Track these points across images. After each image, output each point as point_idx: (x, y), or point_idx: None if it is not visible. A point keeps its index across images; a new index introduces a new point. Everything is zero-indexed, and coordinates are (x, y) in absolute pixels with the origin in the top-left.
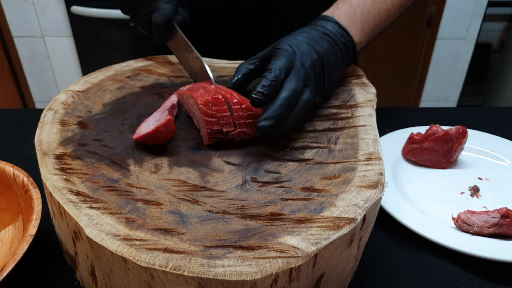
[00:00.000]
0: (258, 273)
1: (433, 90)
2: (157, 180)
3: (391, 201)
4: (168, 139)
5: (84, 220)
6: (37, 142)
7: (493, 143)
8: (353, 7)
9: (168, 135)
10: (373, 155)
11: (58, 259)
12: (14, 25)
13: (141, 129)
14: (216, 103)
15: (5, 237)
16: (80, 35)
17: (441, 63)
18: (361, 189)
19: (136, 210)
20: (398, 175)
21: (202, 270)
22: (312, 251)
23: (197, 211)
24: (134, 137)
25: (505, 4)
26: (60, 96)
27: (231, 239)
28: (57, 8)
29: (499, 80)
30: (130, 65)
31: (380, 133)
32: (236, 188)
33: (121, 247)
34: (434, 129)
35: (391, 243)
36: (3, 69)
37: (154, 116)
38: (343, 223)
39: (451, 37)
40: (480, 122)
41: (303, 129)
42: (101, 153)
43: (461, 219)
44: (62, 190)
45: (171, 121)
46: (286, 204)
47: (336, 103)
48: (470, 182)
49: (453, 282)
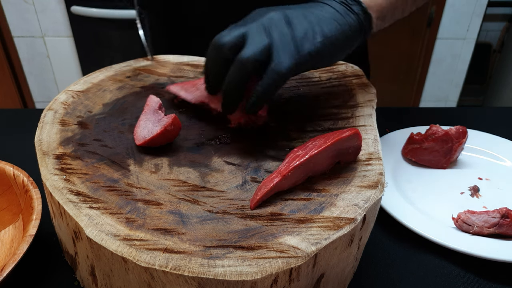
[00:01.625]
0: (258, 273)
1: (433, 90)
2: (157, 180)
3: (391, 201)
4: (175, 137)
5: (84, 220)
6: (37, 142)
7: (493, 143)
8: None
9: (176, 132)
10: (373, 155)
11: (58, 259)
12: (14, 25)
13: (142, 133)
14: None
15: (5, 237)
16: (80, 35)
17: (441, 63)
18: (361, 189)
19: (136, 210)
20: (398, 175)
21: (202, 270)
22: (312, 251)
23: (197, 211)
24: (138, 143)
25: (505, 4)
26: (60, 96)
27: (231, 239)
28: (57, 8)
29: (499, 80)
30: (130, 65)
31: (380, 133)
32: (236, 188)
33: (121, 247)
34: (434, 129)
35: (391, 243)
36: (3, 69)
37: (147, 118)
38: (343, 223)
39: (451, 37)
40: (480, 122)
41: (303, 129)
42: (101, 153)
43: (461, 219)
44: (62, 190)
45: (177, 118)
46: (286, 204)
47: (336, 103)
48: (470, 182)
49: (453, 282)
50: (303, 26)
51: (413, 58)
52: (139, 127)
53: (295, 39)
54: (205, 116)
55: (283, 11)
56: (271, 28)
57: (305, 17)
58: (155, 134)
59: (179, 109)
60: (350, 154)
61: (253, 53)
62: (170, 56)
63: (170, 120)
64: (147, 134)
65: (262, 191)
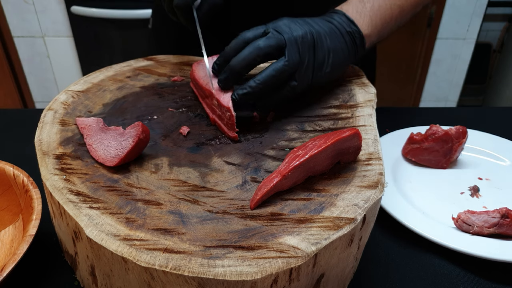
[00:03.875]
0: (258, 273)
1: (433, 90)
2: (157, 180)
3: (391, 201)
4: (146, 146)
5: (84, 220)
6: (37, 142)
7: (493, 143)
8: (363, 2)
9: (148, 139)
10: (373, 155)
11: (58, 259)
12: (14, 25)
13: (108, 154)
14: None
15: (5, 237)
16: (80, 35)
17: (441, 63)
18: (361, 189)
19: (136, 210)
20: (398, 175)
21: (202, 270)
22: (312, 251)
23: (197, 211)
24: (113, 164)
25: (505, 4)
26: (60, 96)
27: (231, 239)
28: (57, 8)
29: (499, 80)
30: (130, 65)
31: (380, 133)
32: (236, 188)
33: (121, 247)
34: (434, 129)
35: (391, 243)
36: (3, 69)
37: (100, 139)
38: (343, 223)
39: (451, 37)
40: (480, 122)
41: (303, 129)
42: None
43: (461, 219)
44: (62, 190)
45: (144, 125)
46: (286, 204)
47: (336, 103)
48: (470, 182)
49: (453, 282)
50: (322, 53)
51: (413, 58)
52: (99, 151)
53: (314, 67)
54: (205, 116)
55: (310, 30)
56: (303, 48)
57: (323, 43)
58: (130, 148)
59: (180, 109)
60: (350, 154)
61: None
62: (170, 56)
63: (140, 128)
64: (118, 152)
65: (262, 191)
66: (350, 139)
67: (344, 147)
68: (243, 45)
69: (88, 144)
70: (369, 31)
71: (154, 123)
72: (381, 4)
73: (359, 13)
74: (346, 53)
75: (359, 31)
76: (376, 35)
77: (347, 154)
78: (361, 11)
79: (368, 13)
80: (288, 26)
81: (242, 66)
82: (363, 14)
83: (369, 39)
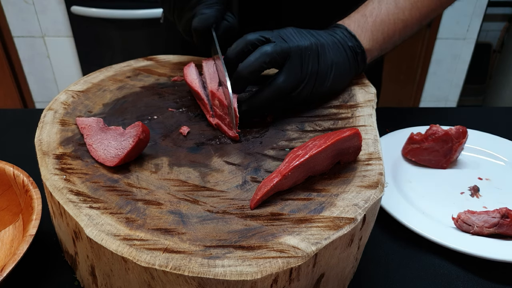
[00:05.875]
0: (258, 273)
1: (433, 90)
2: (157, 180)
3: (391, 201)
4: (146, 146)
5: (84, 220)
6: (37, 142)
7: (493, 143)
8: (365, 16)
9: (148, 139)
10: (373, 155)
11: (58, 259)
12: (14, 25)
13: (108, 154)
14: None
15: (5, 237)
16: (80, 35)
17: (441, 63)
18: (361, 189)
19: (136, 210)
20: (398, 175)
21: (202, 270)
22: (312, 251)
23: (197, 211)
24: (113, 164)
25: (505, 4)
26: (60, 96)
27: (231, 239)
28: (57, 8)
29: (499, 80)
30: (130, 65)
31: (380, 133)
32: (236, 188)
33: (121, 247)
34: (434, 129)
35: (391, 243)
36: (3, 69)
37: (100, 139)
38: (343, 223)
39: (451, 37)
40: (480, 122)
41: (303, 129)
42: None
43: (461, 219)
44: (62, 190)
45: (144, 124)
46: (286, 204)
47: (336, 103)
48: (470, 182)
49: (453, 282)
50: (325, 65)
51: (413, 58)
52: (99, 151)
53: (317, 78)
54: (205, 116)
55: (315, 41)
56: (308, 60)
57: (326, 55)
58: (130, 148)
59: (180, 109)
60: (350, 154)
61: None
62: (170, 56)
63: (140, 128)
64: (118, 152)
65: (262, 191)
66: (350, 139)
67: (344, 147)
68: (245, 47)
69: (88, 144)
70: (370, 46)
71: (154, 123)
72: (383, 19)
73: (361, 28)
74: (347, 67)
75: (360, 46)
76: (378, 50)
77: (347, 154)
78: (363, 26)
79: (370, 27)
80: (293, 35)
81: (249, 71)
82: (364, 28)
83: (370, 54)
